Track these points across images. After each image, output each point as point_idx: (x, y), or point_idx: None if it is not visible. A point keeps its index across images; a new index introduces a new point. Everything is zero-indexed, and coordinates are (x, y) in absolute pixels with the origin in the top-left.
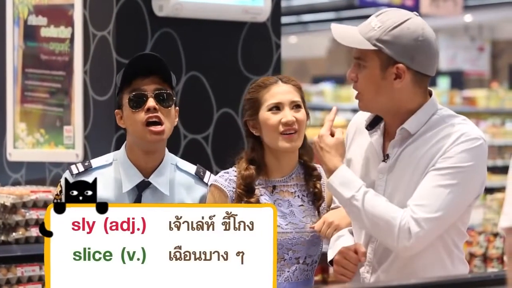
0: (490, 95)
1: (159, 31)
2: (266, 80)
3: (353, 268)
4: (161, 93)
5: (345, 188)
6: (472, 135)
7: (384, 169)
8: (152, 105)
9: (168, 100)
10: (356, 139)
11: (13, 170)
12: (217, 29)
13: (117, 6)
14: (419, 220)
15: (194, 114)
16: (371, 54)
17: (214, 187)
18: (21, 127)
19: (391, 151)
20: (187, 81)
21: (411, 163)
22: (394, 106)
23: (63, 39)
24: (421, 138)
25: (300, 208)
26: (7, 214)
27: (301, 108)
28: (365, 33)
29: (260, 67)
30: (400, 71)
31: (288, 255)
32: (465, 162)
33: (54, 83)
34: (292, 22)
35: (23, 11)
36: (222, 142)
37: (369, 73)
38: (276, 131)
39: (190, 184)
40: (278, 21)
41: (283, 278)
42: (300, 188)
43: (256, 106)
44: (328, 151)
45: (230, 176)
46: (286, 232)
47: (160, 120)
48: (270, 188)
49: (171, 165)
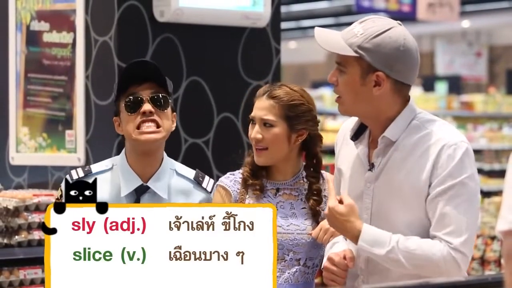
0: (488, 100)
1: (160, 36)
2: (263, 90)
3: (342, 274)
4: (157, 97)
5: (377, 247)
6: (453, 142)
7: (370, 178)
8: (147, 108)
9: (164, 103)
10: (344, 148)
11: (15, 174)
12: (217, 35)
13: (119, 12)
14: (457, 247)
15: (194, 119)
16: (351, 61)
17: (220, 187)
18: (23, 131)
19: (375, 160)
20: (187, 86)
21: (398, 173)
22: (373, 113)
23: (65, 44)
24: (403, 145)
25: (302, 210)
26: (10, 217)
27: (273, 127)
28: (347, 39)
29: (260, 72)
30: (380, 79)
31: (288, 256)
32: (463, 174)
33: (56, 87)
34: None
35: (25, 17)
36: (222, 146)
37: (349, 79)
38: (252, 144)
39: (189, 189)
40: (277, 27)
41: (283, 279)
42: (303, 192)
43: None
44: (345, 220)
45: (236, 178)
46: (288, 233)
47: (156, 123)
48: (274, 190)
49: (170, 170)
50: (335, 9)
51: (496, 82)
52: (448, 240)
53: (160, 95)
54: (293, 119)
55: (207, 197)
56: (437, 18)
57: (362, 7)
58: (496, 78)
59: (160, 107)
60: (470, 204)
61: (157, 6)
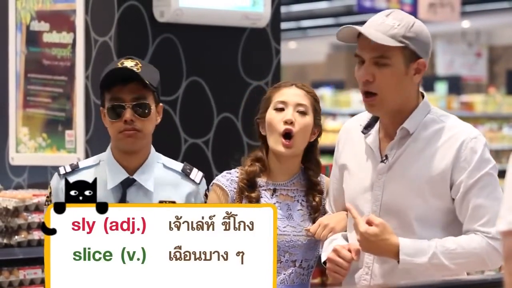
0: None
1: (160, 36)
2: (282, 82)
3: (346, 267)
4: (138, 104)
5: (418, 257)
6: (473, 135)
7: (383, 170)
8: (128, 116)
9: (145, 111)
10: (349, 144)
11: (15, 174)
12: (217, 35)
13: (119, 12)
14: (495, 235)
15: (194, 119)
16: (396, 52)
17: (216, 186)
18: (23, 132)
19: (389, 152)
20: (187, 86)
21: (412, 165)
22: (402, 105)
23: (65, 44)
24: (420, 138)
25: (298, 212)
26: (10, 217)
27: (306, 115)
28: (386, 31)
29: (260, 72)
30: (421, 66)
31: (284, 257)
32: (488, 165)
33: (56, 88)
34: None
35: (25, 17)
36: (222, 147)
37: (393, 70)
38: (277, 131)
39: (177, 181)
40: (277, 27)
41: (278, 281)
42: (300, 193)
43: (265, 105)
44: (381, 240)
45: (232, 177)
46: (284, 234)
47: (136, 130)
48: (271, 190)
49: (158, 164)
50: (335, 9)
51: (496, 82)
52: (484, 231)
53: (141, 103)
54: (317, 114)
55: (196, 188)
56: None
57: (364, 7)
58: (496, 78)
59: (141, 115)
60: (498, 192)
61: (157, 6)
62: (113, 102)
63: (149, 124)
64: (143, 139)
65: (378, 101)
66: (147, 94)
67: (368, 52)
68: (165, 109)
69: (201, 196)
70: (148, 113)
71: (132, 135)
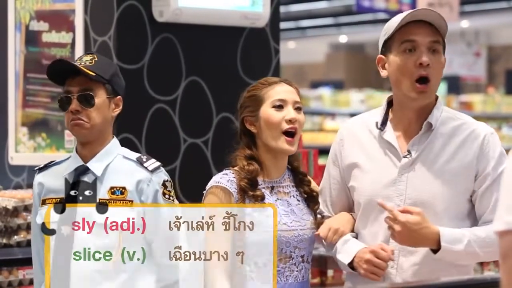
0: (487, 100)
1: (159, 36)
2: (269, 79)
3: (385, 267)
4: (82, 95)
5: (457, 244)
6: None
7: (406, 165)
8: (73, 107)
9: (89, 101)
10: (356, 143)
11: (14, 174)
12: (216, 35)
13: (118, 12)
14: None
15: (193, 119)
16: (441, 40)
17: (216, 188)
18: (22, 131)
19: (411, 147)
20: (187, 86)
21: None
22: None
23: (65, 44)
24: (441, 133)
25: (298, 207)
26: (9, 217)
27: (301, 111)
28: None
29: (259, 72)
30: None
31: (294, 253)
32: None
33: (55, 87)
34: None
35: (24, 17)
36: (221, 146)
37: (441, 57)
38: (278, 128)
39: (131, 169)
40: (277, 27)
41: (292, 278)
42: (292, 188)
43: (257, 103)
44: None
45: (230, 178)
46: (292, 230)
47: (81, 120)
48: (269, 188)
49: (118, 155)
50: (334, 9)
51: (495, 82)
52: None
53: (86, 94)
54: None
55: (149, 175)
56: None
57: (363, 7)
58: (495, 78)
59: (85, 105)
60: None
61: (156, 6)
62: (63, 94)
63: (96, 114)
64: (91, 129)
65: (430, 88)
66: (95, 86)
67: (426, 36)
68: (165, 108)
69: (155, 184)
70: (92, 104)
71: (78, 124)
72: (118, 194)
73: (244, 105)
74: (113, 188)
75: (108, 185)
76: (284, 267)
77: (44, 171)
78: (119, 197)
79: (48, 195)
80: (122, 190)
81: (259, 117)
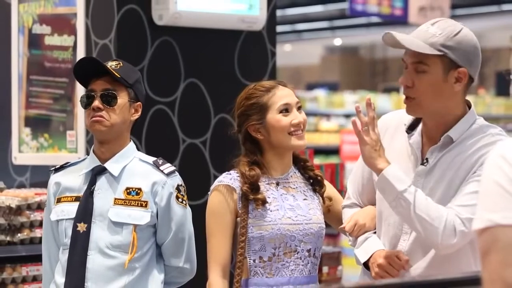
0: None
1: (159, 39)
2: (265, 84)
3: (396, 274)
4: (106, 94)
5: (398, 182)
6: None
7: (422, 173)
8: (95, 104)
9: (112, 100)
10: (387, 138)
11: (18, 173)
12: (214, 38)
13: (118, 15)
14: (464, 220)
15: (192, 120)
16: (434, 59)
17: (219, 186)
18: (25, 132)
19: (430, 155)
20: (185, 88)
21: (451, 169)
22: (443, 111)
23: (66, 47)
24: (461, 145)
25: (304, 202)
26: (13, 215)
27: (301, 109)
28: (426, 39)
29: (256, 74)
30: (461, 74)
31: (300, 247)
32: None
33: (58, 89)
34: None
35: (27, 20)
36: (219, 146)
37: (432, 77)
38: (285, 132)
39: (147, 171)
40: (273, 30)
41: (298, 272)
42: (300, 184)
43: (263, 110)
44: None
45: (234, 177)
46: (297, 224)
47: (102, 118)
48: (274, 184)
49: (135, 158)
50: (329, 13)
51: (485, 84)
52: (459, 210)
53: (109, 93)
54: None
55: (164, 178)
56: None
57: (356, 11)
58: (485, 80)
59: (108, 103)
60: None
61: (156, 10)
62: (86, 92)
63: (117, 114)
64: (110, 127)
65: (414, 104)
66: (119, 88)
67: (409, 57)
68: (164, 109)
69: (170, 187)
70: (114, 103)
71: (99, 121)
72: (133, 195)
73: (247, 114)
74: (129, 189)
75: (124, 186)
76: (289, 261)
77: (61, 171)
78: (135, 197)
79: (64, 194)
80: (138, 191)
81: (266, 123)
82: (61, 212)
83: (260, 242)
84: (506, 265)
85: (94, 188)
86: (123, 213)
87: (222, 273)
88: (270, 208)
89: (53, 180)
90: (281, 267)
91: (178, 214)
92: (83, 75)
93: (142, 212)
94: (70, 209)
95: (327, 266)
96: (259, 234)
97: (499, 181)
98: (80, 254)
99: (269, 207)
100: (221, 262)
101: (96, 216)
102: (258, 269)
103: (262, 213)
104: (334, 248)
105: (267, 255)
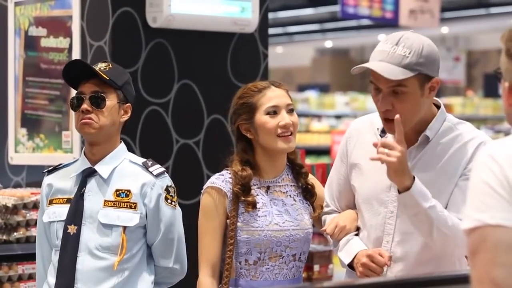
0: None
1: (153, 41)
2: (258, 84)
3: (380, 272)
4: (95, 96)
5: (422, 199)
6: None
7: None
8: (84, 107)
9: (101, 102)
10: (359, 144)
11: (14, 173)
12: (207, 40)
13: (113, 18)
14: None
15: (185, 120)
16: (411, 79)
17: (211, 189)
18: (22, 132)
19: (409, 155)
20: (179, 89)
21: (433, 167)
22: (421, 117)
23: (62, 49)
24: (438, 143)
25: (293, 207)
26: (9, 214)
27: (294, 112)
28: (399, 63)
29: (248, 75)
30: (434, 84)
31: (285, 252)
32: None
33: (53, 90)
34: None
35: (24, 23)
36: (212, 147)
37: (410, 95)
38: (273, 133)
39: (136, 172)
40: (265, 32)
41: (282, 276)
42: (290, 188)
43: (251, 110)
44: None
45: (226, 178)
46: (284, 230)
47: (91, 120)
48: (264, 188)
49: (125, 159)
50: (320, 15)
51: (473, 85)
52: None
53: (98, 95)
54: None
55: (153, 179)
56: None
57: (347, 14)
58: (473, 81)
59: (97, 106)
60: None
61: (150, 12)
62: (75, 95)
63: (106, 116)
64: (99, 129)
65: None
66: (107, 90)
67: (384, 83)
68: (158, 110)
69: (158, 188)
70: (103, 105)
71: (88, 123)
72: (123, 197)
73: (238, 113)
74: (118, 191)
75: (114, 188)
76: (273, 265)
77: (53, 173)
78: (124, 199)
79: (56, 195)
80: (127, 193)
81: (254, 124)
82: (52, 214)
83: (247, 245)
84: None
85: (85, 190)
86: (113, 215)
87: (211, 273)
88: (259, 214)
89: (45, 182)
90: (265, 271)
91: (167, 215)
92: (73, 77)
93: (132, 214)
94: (61, 211)
95: (318, 265)
96: (246, 238)
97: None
98: (70, 255)
99: (257, 212)
100: (211, 262)
101: (86, 218)
102: (244, 271)
103: (250, 218)
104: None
105: (253, 258)
